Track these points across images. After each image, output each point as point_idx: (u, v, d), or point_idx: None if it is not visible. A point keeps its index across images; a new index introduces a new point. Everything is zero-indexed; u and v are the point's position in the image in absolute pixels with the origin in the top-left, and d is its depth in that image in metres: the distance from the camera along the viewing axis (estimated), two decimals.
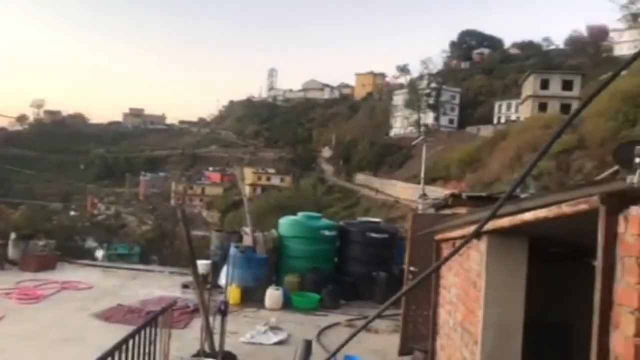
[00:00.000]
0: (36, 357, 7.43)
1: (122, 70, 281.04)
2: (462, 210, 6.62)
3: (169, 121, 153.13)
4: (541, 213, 2.67)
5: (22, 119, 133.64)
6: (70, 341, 7.97)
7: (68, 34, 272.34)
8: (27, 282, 11.79)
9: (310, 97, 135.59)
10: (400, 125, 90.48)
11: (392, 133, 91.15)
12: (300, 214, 14.03)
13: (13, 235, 13.75)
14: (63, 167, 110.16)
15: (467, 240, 3.24)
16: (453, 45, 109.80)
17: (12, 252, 13.55)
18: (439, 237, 6.00)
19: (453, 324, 5.02)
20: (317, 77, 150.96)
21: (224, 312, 7.11)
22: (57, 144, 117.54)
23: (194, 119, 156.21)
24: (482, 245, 3.91)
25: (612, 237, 2.14)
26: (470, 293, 4.31)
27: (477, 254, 4.10)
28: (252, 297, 11.23)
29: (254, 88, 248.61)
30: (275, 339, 8.63)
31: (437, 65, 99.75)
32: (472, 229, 3.49)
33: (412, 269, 7.58)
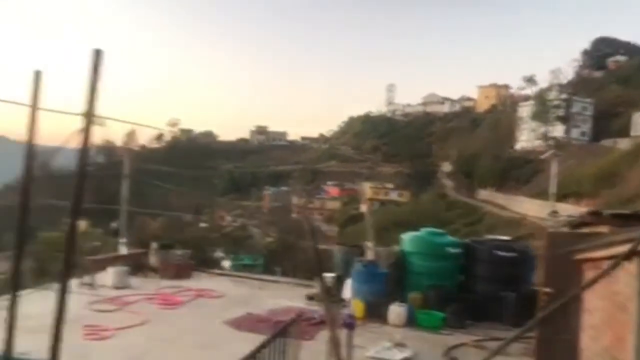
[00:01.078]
0: None
1: (248, 89, 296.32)
2: (603, 229, 6.18)
3: (291, 137, 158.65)
4: None
5: (159, 137, 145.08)
6: (206, 347, 8.47)
7: (198, 58, 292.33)
8: (166, 288, 12.72)
9: (429, 111, 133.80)
10: (526, 138, 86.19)
11: (518, 146, 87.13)
12: (423, 230, 13.83)
13: (154, 245, 14.93)
14: (195, 182, 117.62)
15: (618, 261, 3.04)
16: (585, 53, 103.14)
17: (152, 260, 14.70)
18: (579, 257, 5.65)
19: (597, 349, 4.69)
20: (437, 90, 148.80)
21: (350, 325, 7.20)
22: (190, 160, 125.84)
23: (315, 134, 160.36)
24: (633, 266, 3.63)
25: None
26: (618, 317, 4.01)
27: (626, 276, 3.81)
28: (374, 312, 11.22)
29: (372, 103, 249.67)
30: (400, 355, 8.55)
31: (567, 75, 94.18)
32: (620, 249, 3.27)
33: (547, 290, 7.18)
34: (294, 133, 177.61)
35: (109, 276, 12.56)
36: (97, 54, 1.95)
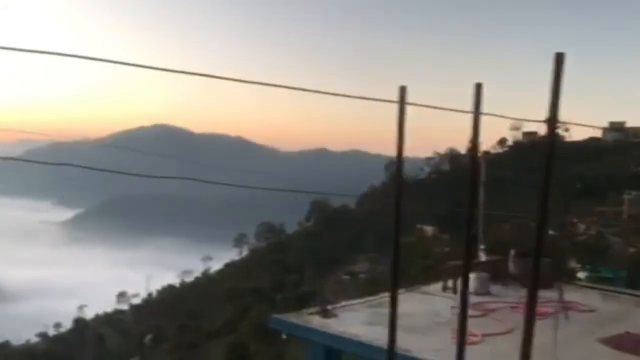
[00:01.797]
0: None
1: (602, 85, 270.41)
2: None
3: None
4: None
5: (501, 141, 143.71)
6: None
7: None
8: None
9: None
10: None
11: None
12: None
13: (512, 252, 14.67)
14: (537, 187, 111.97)
15: None
16: None
17: (511, 267, 14.45)
18: None
19: None
20: None
21: None
22: (534, 163, 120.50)
23: None
24: None
25: None
26: None
27: None
28: None
29: None
30: None
31: None
32: None
33: None
34: None
35: (470, 282, 12.82)
36: (559, 57, 1.94)
